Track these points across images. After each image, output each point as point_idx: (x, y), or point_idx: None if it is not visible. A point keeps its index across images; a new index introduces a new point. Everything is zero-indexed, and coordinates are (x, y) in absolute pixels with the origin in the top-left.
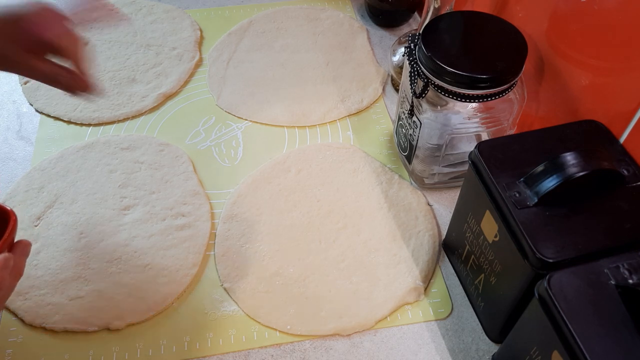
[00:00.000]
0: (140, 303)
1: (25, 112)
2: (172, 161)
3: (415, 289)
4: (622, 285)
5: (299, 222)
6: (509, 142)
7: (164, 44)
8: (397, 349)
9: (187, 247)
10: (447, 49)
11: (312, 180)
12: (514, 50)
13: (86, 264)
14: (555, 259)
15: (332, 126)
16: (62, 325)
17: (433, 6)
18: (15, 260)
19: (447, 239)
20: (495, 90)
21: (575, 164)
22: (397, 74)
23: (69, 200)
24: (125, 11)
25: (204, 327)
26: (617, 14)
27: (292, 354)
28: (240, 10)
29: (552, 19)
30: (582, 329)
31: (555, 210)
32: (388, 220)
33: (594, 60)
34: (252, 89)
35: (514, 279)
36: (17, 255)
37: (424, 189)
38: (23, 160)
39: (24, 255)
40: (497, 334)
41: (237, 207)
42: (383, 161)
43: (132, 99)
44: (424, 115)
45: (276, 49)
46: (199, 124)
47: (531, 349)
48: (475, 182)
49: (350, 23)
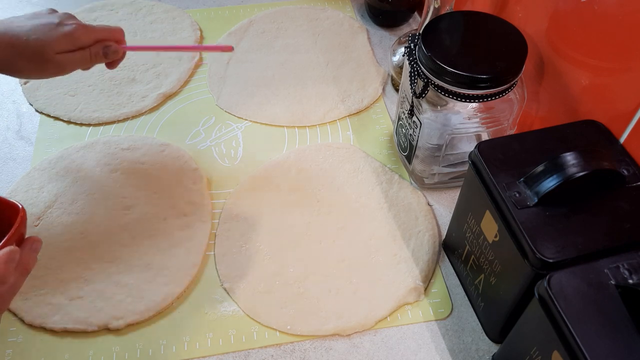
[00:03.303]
0: (140, 303)
1: (25, 112)
2: (173, 161)
3: (415, 289)
4: (622, 285)
5: (299, 222)
6: (509, 142)
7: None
8: (397, 349)
9: (187, 247)
10: (447, 49)
11: (312, 180)
12: (514, 50)
13: (86, 264)
14: (555, 259)
15: (332, 126)
16: (62, 325)
17: (433, 6)
18: (23, 255)
19: (447, 239)
20: (496, 90)
21: (575, 164)
22: (397, 74)
23: (69, 200)
24: (125, 11)
25: (204, 327)
26: (617, 14)
27: (292, 354)
28: (240, 10)
29: (552, 19)
30: (582, 329)
31: (555, 210)
32: (388, 220)
33: (594, 60)
34: (252, 89)
35: (514, 279)
36: (26, 250)
37: (424, 189)
38: (23, 160)
39: (33, 251)
40: (497, 334)
41: (237, 207)
42: (383, 161)
43: (132, 99)
44: (424, 115)
45: (276, 49)
46: (199, 124)
47: (531, 349)
48: (475, 182)
49: (350, 23)
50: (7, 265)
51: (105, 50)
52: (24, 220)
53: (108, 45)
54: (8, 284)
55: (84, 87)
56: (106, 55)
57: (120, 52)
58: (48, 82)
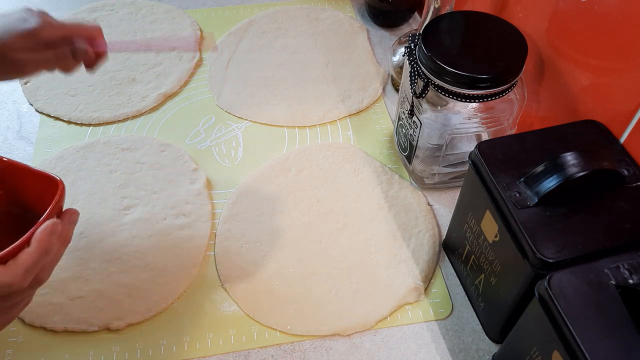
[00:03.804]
0: (140, 303)
1: (25, 112)
2: (173, 161)
3: (416, 289)
4: (622, 285)
5: (299, 222)
6: (509, 142)
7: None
8: (397, 349)
9: (187, 247)
10: (447, 49)
11: (312, 180)
12: (514, 50)
13: (86, 264)
14: (556, 259)
15: (332, 126)
16: (62, 325)
17: (433, 6)
18: (63, 227)
19: (447, 239)
20: (496, 90)
21: (575, 164)
22: (397, 74)
23: (69, 200)
24: (126, 11)
25: (204, 327)
26: (617, 14)
27: (292, 354)
28: (240, 10)
29: (552, 19)
30: (582, 329)
31: (556, 210)
32: (388, 220)
33: (594, 60)
34: (252, 89)
35: (514, 279)
36: (65, 222)
37: (424, 189)
38: (23, 160)
39: (72, 223)
40: (497, 334)
41: (237, 207)
42: (383, 161)
43: (132, 99)
44: (424, 115)
45: (276, 49)
46: (199, 124)
47: (531, 349)
48: (475, 182)
49: (350, 23)
50: (50, 237)
51: (74, 51)
52: (63, 193)
53: (76, 45)
54: (52, 254)
55: (84, 87)
56: (75, 56)
57: (90, 54)
58: (48, 82)
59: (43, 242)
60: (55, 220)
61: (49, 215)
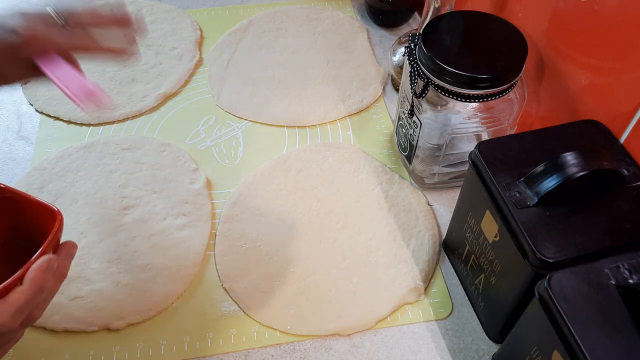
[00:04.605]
0: (140, 303)
1: (25, 112)
2: (173, 161)
3: (416, 289)
4: (623, 285)
5: (299, 222)
6: (509, 142)
7: (164, 44)
8: (397, 349)
9: (187, 247)
10: (447, 49)
11: (312, 180)
12: (514, 50)
13: (86, 264)
14: (556, 259)
15: (332, 126)
16: (62, 325)
17: (433, 6)
18: (60, 262)
19: (447, 239)
20: (496, 90)
21: (575, 164)
22: (397, 74)
23: (69, 200)
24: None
25: (204, 327)
26: (617, 14)
27: (292, 354)
28: (240, 10)
29: (552, 19)
30: (582, 329)
31: (556, 210)
32: (388, 220)
33: (594, 60)
34: (252, 89)
35: (514, 279)
36: (62, 257)
37: (424, 189)
38: (23, 160)
39: (69, 257)
40: (497, 334)
41: (238, 207)
42: (383, 161)
43: (132, 99)
44: (424, 115)
45: (276, 49)
46: (199, 124)
47: (531, 349)
48: (475, 182)
49: (350, 23)
50: (45, 274)
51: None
52: (61, 226)
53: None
54: (46, 292)
55: None
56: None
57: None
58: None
59: (37, 280)
60: (52, 256)
61: (45, 249)
